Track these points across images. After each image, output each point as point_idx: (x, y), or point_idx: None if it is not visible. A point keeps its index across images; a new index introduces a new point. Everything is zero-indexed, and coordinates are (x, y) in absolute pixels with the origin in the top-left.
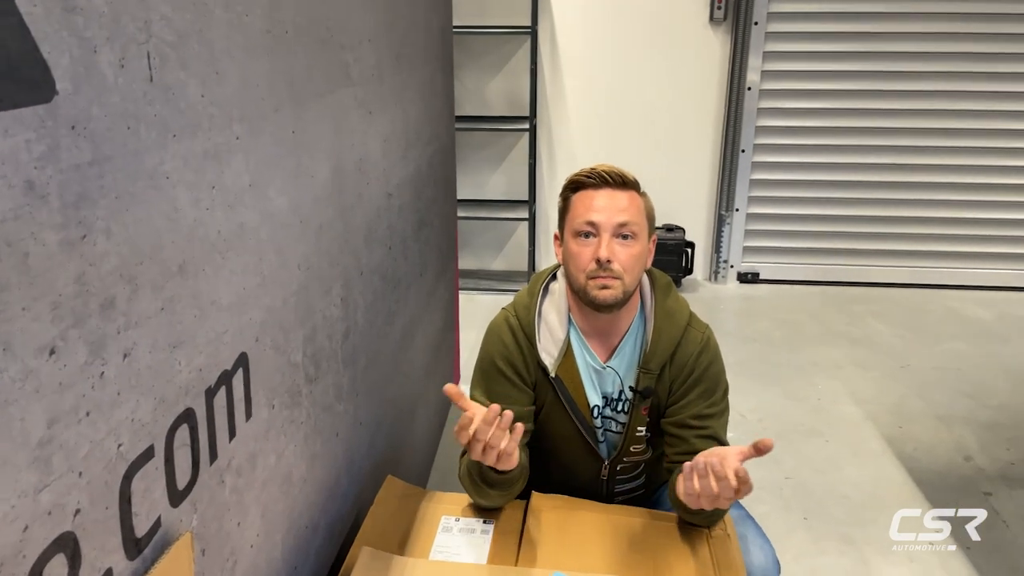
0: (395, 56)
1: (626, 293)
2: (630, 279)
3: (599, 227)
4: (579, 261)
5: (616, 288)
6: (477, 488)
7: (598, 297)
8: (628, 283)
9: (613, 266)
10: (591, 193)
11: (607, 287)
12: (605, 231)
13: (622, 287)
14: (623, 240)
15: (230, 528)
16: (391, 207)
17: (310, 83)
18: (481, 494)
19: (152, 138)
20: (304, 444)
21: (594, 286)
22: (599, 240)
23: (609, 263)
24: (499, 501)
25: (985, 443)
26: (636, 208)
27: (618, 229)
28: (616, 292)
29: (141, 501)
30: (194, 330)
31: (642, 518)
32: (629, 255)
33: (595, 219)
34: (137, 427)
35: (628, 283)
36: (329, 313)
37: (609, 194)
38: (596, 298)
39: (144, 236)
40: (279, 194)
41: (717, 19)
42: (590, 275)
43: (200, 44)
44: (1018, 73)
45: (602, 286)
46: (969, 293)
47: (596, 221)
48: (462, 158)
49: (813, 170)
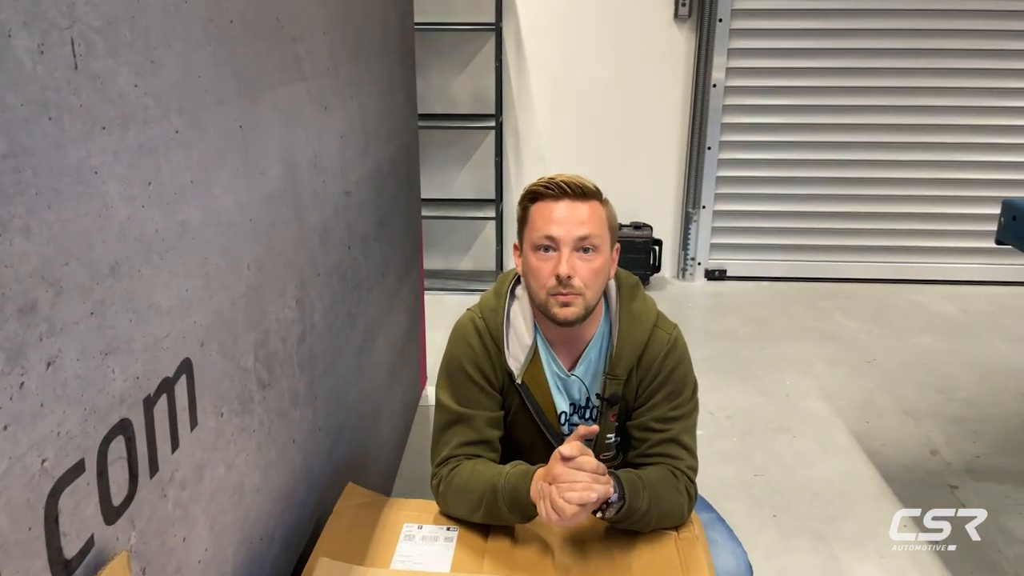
0: (351, 49)
1: (588, 309)
2: (592, 294)
3: (558, 241)
4: (539, 277)
5: (578, 305)
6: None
7: (559, 315)
8: (590, 298)
9: (574, 282)
10: (550, 204)
11: (568, 304)
12: (565, 245)
13: (583, 303)
14: (584, 254)
15: (174, 544)
16: (350, 205)
17: (259, 76)
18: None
19: (77, 130)
20: (257, 452)
21: (555, 303)
22: (559, 255)
23: (570, 279)
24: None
25: (951, 437)
26: (597, 219)
27: (578, 243)
28: (577, 309)
29: (70, 520)
30: (129, 335)
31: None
32: (590, 270)
33: (554, 233)
34: (64, 440)
35: (590, 298)
36: (283, 316)
37: (569, 206)
38: (557, 315)
39: (70, 235)
40: (225, 191)
41: (682, 16)
42: (551, 291)
43: (132, 31)
44: (981, 69)
45: (563, 304)
46: (934, 287)
47: (555, 235)
48: (427, 157)
49: (779, 167)
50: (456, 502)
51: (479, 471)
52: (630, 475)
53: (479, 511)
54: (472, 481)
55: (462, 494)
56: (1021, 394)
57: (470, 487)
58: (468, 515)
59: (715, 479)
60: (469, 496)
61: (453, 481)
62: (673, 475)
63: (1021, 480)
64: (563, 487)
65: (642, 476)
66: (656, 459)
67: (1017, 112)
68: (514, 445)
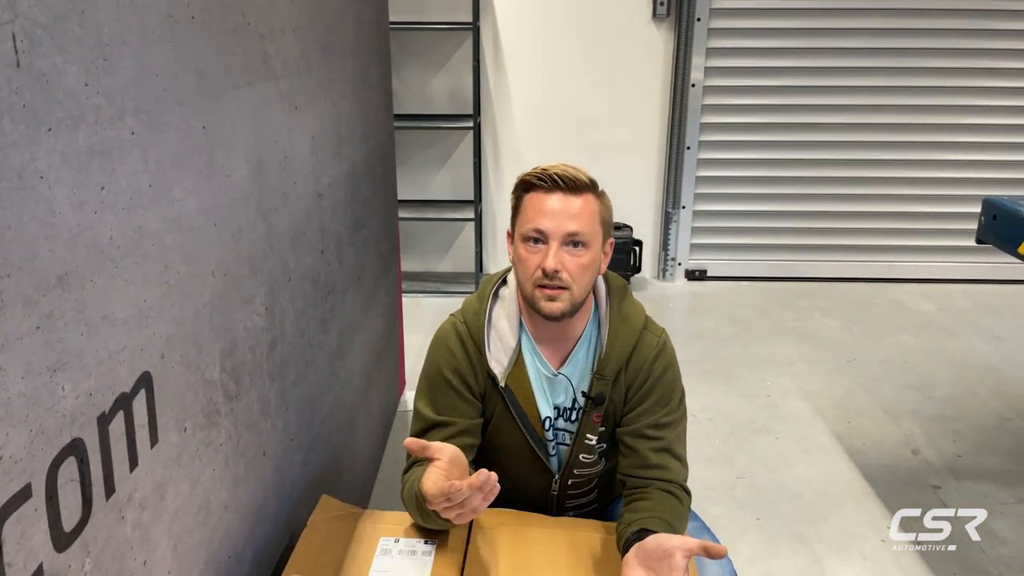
0: (323, 47)
1: (574, 304)
2: (579, 290)
3: (547, 235)
4: (526, 268)
5: (563, 300)
6: (425, 515)
7: (544, 308)
8: (577, 294)
9: (561, 275)
10: (541, 196)
11: (554, 299)
12: (554, 239)
13: (570, 298)
14: (573, 248)
15: (133, 568)
16: (322, 208)
17: (224, 74)
18: (428, 520)
19: (20, 131)
20: (225, 467)
21: (541, 296)
22: (547, 249)
23: (557, 273)
24: (447, 526)
25: (932, 436)
26: (589, 214)
27: (567, 238)
28: (563, 304)
29: (16, 549)
30: (80, 349)
31: (595, 532)
32: (578, 264)
33: (543, 226)
34: (8, 465)
35: (577, 294)
36: (251, 323)
37: (560, 199)
38: (542, 309)
39: (12, 244)
40: (187, 195)
41: (660, 15)
42: (536, 283)
43: (82, 27)
44: (960, 68)
45: (549, 298)
46: (913, 286)
47: (544, 229)
48: (405, 157)
49: (758, 166)
50: (409, 510)
51: (416, 474)
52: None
53: (422, 518)
54: (410, 487)
55: (408, 502)
56: (999, 392)
57: (410, 494)
58: (422, 523)
59: (698, 482)
60: (410, 503)
61: (404, 488)
62: (677, 498)
63: (1001, 480)
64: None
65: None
66: (651, 471)
67: (993, 111)
68: (497, 451)
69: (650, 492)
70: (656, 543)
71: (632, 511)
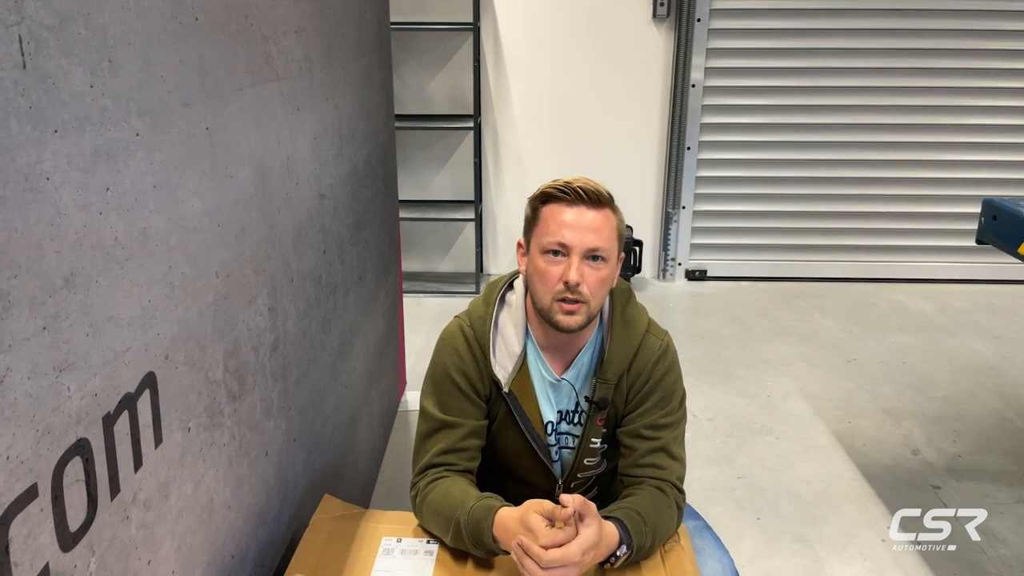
0: (326, 49)
1: (590, 317)
2: (596, 303)
3: (570, 248)
4: (546, 281)
5: (581, 314)
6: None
7: (562, 322)
8: (593, 307)
9: (581, 289)
10: (563, 209)
11: (572, 313)
12: (576, 253)
13: (587, 312)
14: (592, 262)
15: (138, 568)
16: (324, 209)
17: (227, 76)
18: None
19: (26, 133)
20: (228, 467)
21: (559, 310)
22: (569, 262)
23: (578, 286)
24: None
25: (932, 436)
26: (609, 229)
27: (589, 252)
28: (581, 318)
29: (23, 549)
30: (86, 350)
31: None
32: (598, 278)
33: (567, 239)
34: (14, 465)
35: (593, 307)
36: (254, 324)
37: (583, 212)
38: (560, 323)
39: (19, 245)
40: (191, 196)
41: (660, 16)
42: (556, 296)
43: (88, 29)
44: (961, 69)
45: (568, 312)
46: (912, 286)
47: (567, 242)
48: (405, 158)
49: (758, 167)
50: (428, 521)
51: (451, 495)
52: (629, 513)
53: (448, 536)
54: (442, 504)
55: (433, 516)
56: (998, 392)
57: (439, 510)
58: (441, 536)
59: (698, 482)
60: (438, 519)
61: (427, 498)
62: (663, 492)
63: (1001, 480)
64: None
65: (640, 511)
66: (645, 470)
67: (993, 111)
68: (499, 453)
69: (640, 488)
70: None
71: (615, 503)
